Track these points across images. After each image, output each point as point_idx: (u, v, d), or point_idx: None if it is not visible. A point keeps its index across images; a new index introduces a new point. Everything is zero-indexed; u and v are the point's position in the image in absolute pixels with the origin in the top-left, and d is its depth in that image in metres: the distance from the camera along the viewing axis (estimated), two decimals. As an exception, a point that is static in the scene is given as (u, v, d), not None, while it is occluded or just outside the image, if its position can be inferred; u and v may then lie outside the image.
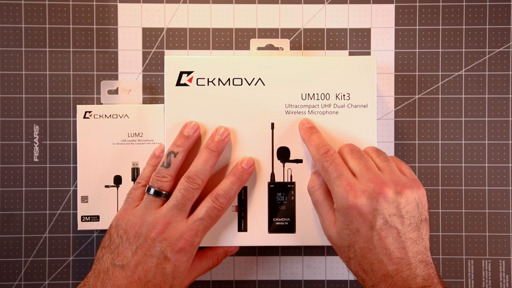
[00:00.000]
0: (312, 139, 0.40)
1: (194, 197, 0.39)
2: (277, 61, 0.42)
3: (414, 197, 0.36)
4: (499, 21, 0.49)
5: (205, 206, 0.39)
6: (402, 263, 0.34)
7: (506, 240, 0.48)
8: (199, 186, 0.39)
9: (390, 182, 0.36)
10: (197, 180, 0.39)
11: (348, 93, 0.42)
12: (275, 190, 0.42)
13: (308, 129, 0.41)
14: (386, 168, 0.37)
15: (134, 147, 0.46)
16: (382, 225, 0.34)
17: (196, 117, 0.42)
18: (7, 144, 0.48)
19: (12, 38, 0.48)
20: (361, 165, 0.37)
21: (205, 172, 0.39)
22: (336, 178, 0.36)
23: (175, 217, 0.38)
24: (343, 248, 0.36)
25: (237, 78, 0.42)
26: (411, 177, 0.37)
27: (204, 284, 0.48)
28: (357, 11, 0.49)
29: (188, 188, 0.38)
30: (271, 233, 0.42)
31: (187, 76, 0.42)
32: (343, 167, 0.37)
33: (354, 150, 0.38)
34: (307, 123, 0.41)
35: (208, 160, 0.39)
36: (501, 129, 0.49)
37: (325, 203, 0.39)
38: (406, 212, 0.35)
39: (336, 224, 0.37)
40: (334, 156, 0.38)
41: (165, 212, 0.38)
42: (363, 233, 0.35)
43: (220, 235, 0.42)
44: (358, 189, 0.35)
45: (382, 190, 0.35)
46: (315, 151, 0.39)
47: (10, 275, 0.48)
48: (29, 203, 0.48)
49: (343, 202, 0.35)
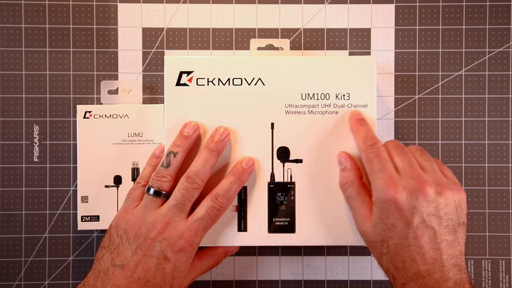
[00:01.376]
0: (360, 130, 0.40)
1: (193, 197, 0.39)
2: (277, 61, 0.42)
3: (454, 199, 0.35)
4: (499, 21, 0.49)
5: (205, 206, 0.39)
6: (435, 264, 0.34)
7: (506, 240, 0.48)
8: (199, 186, 0.39)
9: (432, 181, 0.35)
10: (196, 180, 0.39)
11: (348, 93, 0.42)
12: (275, 190, 0.42)
13: (358, 120, 0.41)
14: (429, 168, 0.37)
15: (134, 147, 0.46)
16: (419, 224, 0.34)
17: (196, 117, 0.42)
18: (7, 144, 0.48)
19: (12, 38, 0.48)
20: (405, 162, 0.37)
21: (205, 172, 0.39)
22: (379, 170, 0.36)
23: (175, 217, 0.38)
24: (377, 243, 0.36)
25: (237, 78, 0.42)
26: (452, 179, 0.37)
27: (204, 284, 0.48)
28: (357, 11, 0.49)
29: (188, 188, 0.38)
30: (271, 233, 0.42)
31: (187, 76, 0.42)
32: (387, 161, 0.37)
33: (399, 147, 0.38)
34: (357, 115, 0.41)
35: (208, 160, 0.39)
36: (501, 129, 0.49)
37: (359, 197, 0.38)
38: (445, 213, 0.35)
39: (372, 218, 0.37)
40: (380, 149, 0.38)
41: (164, 212, 0.38)
42: (398, 229, 0.35)
43: (220, 235, 0.42)
44: (399, 184, 0.35)
45: (423, 189, 0.35)
46: (362, 142, 0.39)
47: (10, 275, 0.48)
48: (29, 203, 0.48)
49: (383, 196, 0.35)
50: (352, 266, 0.48)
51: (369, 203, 0.38)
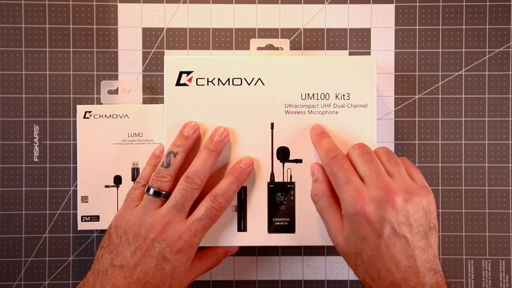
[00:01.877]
0: (322, 143, 0.40)
1: (193, 197, 0.39)
2: (276, 61, 0.42)
3: (422, 204, 0.35)
4: (499, 21, 0.49)
5: (204, 206, 0.39)
6: (410, 272, 0.34)
7: (506, 240, 0.48)
8: (198, 186, 0.39)
9: (400, 189, 0.35)
10: (196, 180, 0.39)
11: (348, 93, 0.42)
12: (275, 190, 0.42)
13: (319, 133, 0.41)
14: (396, 174, 0.36)
15: (134, 147, 0.46)
16: (390, 234, 0.34)
17: (196, 117, 0.42)
18: (7, 144, 0.48)
19: (12, 38, 0.48)
20: (371, 171, 0.36)
21: (204, 172, 0.39)
22: (345, 184, 0.36)
23: (174, 218, 0.38)
24: (350, 255, 0.36)
25: (237, 78, 0.42)
26: (420, 183, 0.37)
27: (204, 284, 0.48)
28: (357, 11, 0.49)
29: (187, 188, 0.38)
30: (270, 233, 0.42)
31: (186, 76, 0.42)
32: (351, 173, 0.36)
33: (365, 153, 0.37)
34: (318, 128, 0.41)
35: (207, 160, 0.39)
36: (501, 129, 0.49)
37: (330, 209, 0.38)
38: (415, 220, 0.34)
39: (344, 231, 0.36)
40: (343, 161, 0.37)
41: (164, 212, 0.38)
42: (370, 241, 0.35)
43: (220, 235, 0.42)
44: (366, 196, 0.35)
45: (391, 198, 0.34)
46: (325, 155, 0.38)
47: (10, 275, 0.48)
48: (29, 203, 0.48)
49: (351, 209, 0.35)
50: (352, 266, 0.48)
51: (341, 215, 0.37)
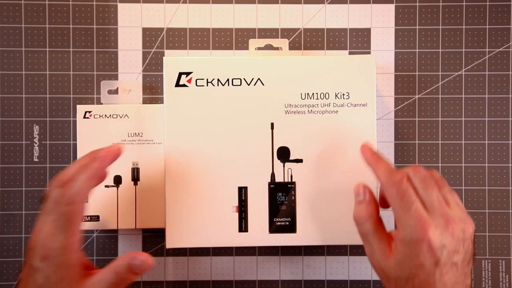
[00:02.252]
0: (381, 163, 0.39)
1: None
2: (276, 61, 0.42)
3: (470, 233, 0.36)
4: (499, 21, 0.49)
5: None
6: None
7: (506, 240, 0.48)
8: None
9: (457, 218, 0.35)
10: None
11: (348, 92, 0.42)
12: (276, 190, 0.42)
13: (375, 154, 0.40)
14: (451, 203, 0.37)
15: (134, 147, 0.46)
16: (446, 261, 0.34)
17: (195, 117, 0.42)
18: (7, 144, 0.48)
19: (12, 38, 0.48)
20: (433, 198, 0.36)
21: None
22: (409, 208, 0.35)
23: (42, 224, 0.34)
24: (400, 280, 0.36)
25: (236, 79, 0.42)
26: (464, 210, 0.37)
27: (204, 284, 0.48)
28: (357, 11, 0.49)
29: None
30: (271, 233, 0.42)
31: (186, 77, 0.42)
32: (415, 198, 0.36)
33: (424, 179, 0.37)
34: (371, 147, 0.40)
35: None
36: (501, 129, 0.49)
37: (378, 233, 0.37)
38: (465, 249, 0.35)
39: (396, 255, 0.36)
40: (408, 184, 0.37)
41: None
42: (426, 268, 0.34)
43: (221, 236, 0.42)
44: (431, 224, 0.35)
45: (451, 227, 0.35)
46: (388, 177, 0.37)
47: (10, 275, 0.48)
48: (29, 203, 0.48)
49: (414, 235, 0.35)
50: (352, 266, 0.48)
51: (388, 239, 0.37)
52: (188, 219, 0.42)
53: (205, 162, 0.42)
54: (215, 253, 0.48)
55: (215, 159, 0.42)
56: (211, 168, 0.42)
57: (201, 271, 0.48)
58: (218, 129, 0.42)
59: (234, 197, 0.42)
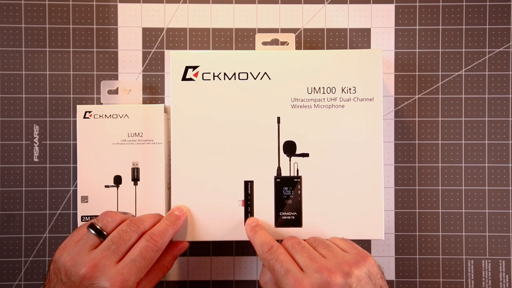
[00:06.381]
0: (255, 237, 0.39)
1: (130, 240, 0.38)
2: (282, 55, 0.42)
3: (364, 271, 0.35)
4: (499, 21, 0.49)
5: (139, 247, 0.37)
6: None
7: (506, 240, 0.48)
8: (159, 248, 0.38)
9: (336, 267, 0.35)
10: (159, 240, 0.39)
11: (354, 86, 0.42)
12: (282, 184, 0.42)
13: (253, 228, 0.40)
14: (329, 254, 0.36)
15: (134, 147, 0.46)
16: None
17: (202, 111, 0.42)
18: (7, 144, 0.48)
19: (12, 38, 0.48)
20: (304, 257, 0.36)
21: (167, 234, 0.39)
22: (284, 275, 0.35)
23: (105, 260, 0.36)
24: None
25: (243, 73, 0.42)
26: (355, 251, 0.37)
27: (204, 284, 0.48)
28: (357, 11, 0.49)
29: (126, 230, 0.38)
30: (277, 227, 0.42)
31: (192, 70, 0.42)
32: (288, 262, 0.36)
33: (295, 243, 0.38)
34: (252, 222, 0.41)
35: (168, 227, 0.40)
36: (501, 129, 0.49)
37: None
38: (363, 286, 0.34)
39: None
40: (278, 252, 0.37)
41: (96, 253, 0.36)
42: None
43: (227, 230, 0.42)
44: (306, 283, 0.34)
45: (330, 279, 0.34)
46: (260, 249, 0.38)
47: (10, 275, 0.48)
48: (29, 203, 0.48)
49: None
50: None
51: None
52: (194, 213, 0.42)
53: (211, 156, 0.42)
54: (215, 253, 0.48)
55: (221, 153, 0.42)
56: (217, 162, 0.42)
57: (201, 271, 0.48)
58: (224, 123, 0.42)
59: (240, 191, 0.42)
